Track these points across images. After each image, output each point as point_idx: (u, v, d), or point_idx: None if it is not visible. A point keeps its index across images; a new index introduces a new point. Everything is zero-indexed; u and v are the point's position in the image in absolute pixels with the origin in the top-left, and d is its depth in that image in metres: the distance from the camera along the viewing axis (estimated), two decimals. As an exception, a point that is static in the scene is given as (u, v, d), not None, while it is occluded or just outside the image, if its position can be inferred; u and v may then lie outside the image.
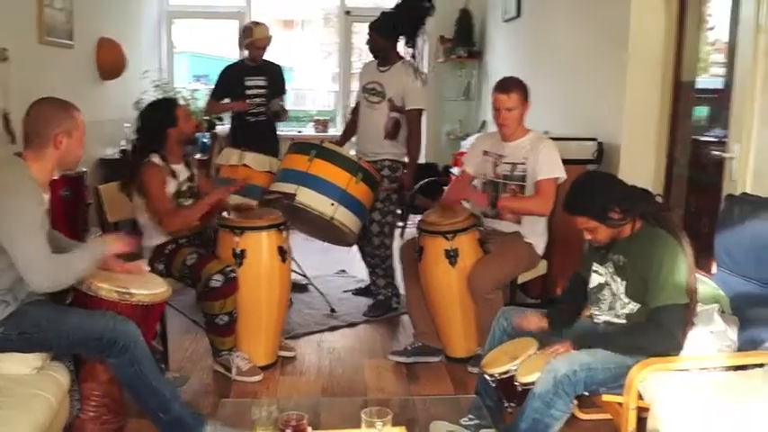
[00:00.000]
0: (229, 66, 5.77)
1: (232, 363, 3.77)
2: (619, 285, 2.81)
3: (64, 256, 2.76)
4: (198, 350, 4.17)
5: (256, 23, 5.58)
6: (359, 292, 5.31)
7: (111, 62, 6.22)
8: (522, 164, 3.78)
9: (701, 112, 4.25)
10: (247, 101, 5.50)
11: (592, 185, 2.80)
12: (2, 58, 4.19)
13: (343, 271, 5.90)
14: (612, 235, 2.78)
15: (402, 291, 4.40)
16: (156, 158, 3.77)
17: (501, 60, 7.47)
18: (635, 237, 2.76)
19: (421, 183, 6.40)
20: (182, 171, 3.91)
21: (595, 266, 2.93)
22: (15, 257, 2.61)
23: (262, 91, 5.54)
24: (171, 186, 3.81)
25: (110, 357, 2.79)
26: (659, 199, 2.92)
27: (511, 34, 7.10)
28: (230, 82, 5.56)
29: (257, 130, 5.55)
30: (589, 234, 2.81)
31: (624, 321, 2.80)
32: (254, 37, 5.45)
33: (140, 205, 3.79)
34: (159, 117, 3.85)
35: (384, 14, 4.83)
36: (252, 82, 5.52)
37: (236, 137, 5.64)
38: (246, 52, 5.56)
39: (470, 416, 2.83)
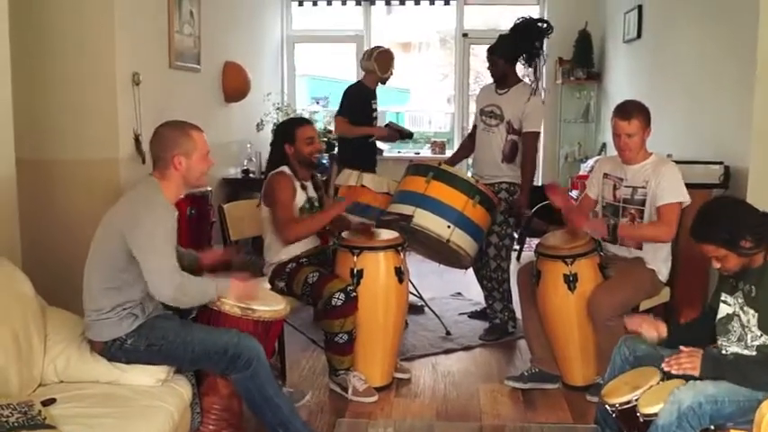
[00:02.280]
0: (355, 86, 5.73)
1: (348, 382, 3.80)
2: (750, 317, 2.67)
3: (191, 277, 2.88)
4: (314, 368, 4.24)
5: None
6: (475, 315, 5.27)
7: (235, 85, 6.45)
8: (643, 188, 3.68)
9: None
10: (374, 123, 5.62)
11: (721, 212, 2.69)
12: (135, 82, 4.41)
13: (459, 294, 5.87)
14: (743, 264, 2.65)
15: (519, 315, 4.34)
16: (286, 169, 3.90)
17: (621, 82, 7.32)
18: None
19: (537, 206, 6.31)
20: (310, 189, 4.02)
21: (724, 296, 2.80)
22: (145, 268, 2.75)
23: (377, 113, 5.72)
24: (300, 200, 3.91)
25: (233, 372, 2.89)
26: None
27: (631, 55, 6.96)
28: (360, 104, 5.58)
29: (361, 149, 5.59)
30: (718, 263, 2.69)
31: (755, 353, 2.66)
32: (394, 59, 5.60)
33: (268, 217, 3.89)
34: (279, 132, 4.06)
35: (502, 38, 4.81)
36: (375, 105, 5.66)
37: (342, 157, 5.67)
38: (382, 76, 5.56)
39: (590, 446, 2.77)
